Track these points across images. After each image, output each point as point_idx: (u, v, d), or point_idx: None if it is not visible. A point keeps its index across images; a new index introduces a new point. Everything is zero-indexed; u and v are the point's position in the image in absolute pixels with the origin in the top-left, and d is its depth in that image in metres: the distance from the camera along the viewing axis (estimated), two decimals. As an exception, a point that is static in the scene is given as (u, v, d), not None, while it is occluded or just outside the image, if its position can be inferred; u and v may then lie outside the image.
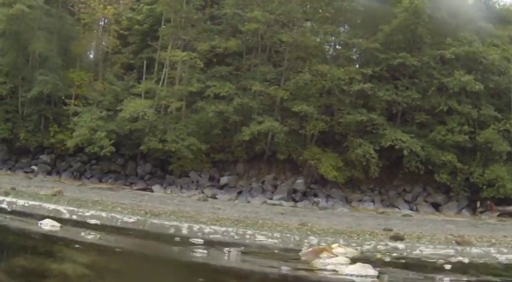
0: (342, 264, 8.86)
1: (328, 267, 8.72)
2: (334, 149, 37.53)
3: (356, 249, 11.74)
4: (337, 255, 9.60)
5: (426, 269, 9.85)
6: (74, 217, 15.29)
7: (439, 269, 9.53)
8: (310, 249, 10.45)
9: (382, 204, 35.82)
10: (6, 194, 21.45)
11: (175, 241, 11.50)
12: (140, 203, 24.90)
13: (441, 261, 10.75)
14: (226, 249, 10.06)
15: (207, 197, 33.77)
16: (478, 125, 37.19)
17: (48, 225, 11.34)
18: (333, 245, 10.86)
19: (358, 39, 38.81)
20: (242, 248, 10.94)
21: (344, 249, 10.31)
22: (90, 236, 10.77)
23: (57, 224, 11.17)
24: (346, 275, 8.12)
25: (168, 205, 25.53)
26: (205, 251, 9.64)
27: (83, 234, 10.92)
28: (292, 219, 23.29)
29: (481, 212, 35.38)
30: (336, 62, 39.68)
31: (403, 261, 11.22)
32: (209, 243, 11.34)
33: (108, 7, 41.14)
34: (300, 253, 10.05)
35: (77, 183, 35.65)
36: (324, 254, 9.51)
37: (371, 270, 8.17)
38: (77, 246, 8.91)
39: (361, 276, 8.02)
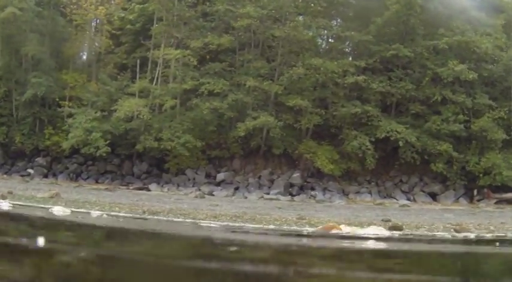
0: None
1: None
2: (330, 142, 37.57)
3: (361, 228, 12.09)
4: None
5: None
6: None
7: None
8: (320, 227, 10.89)
9: (379, 196, 35.88)
10: (3, 197, 21.44)
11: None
12: (138, 202, 24.89)
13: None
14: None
15: (204, 194, 33.74)
16: (473, 113, 37.27)
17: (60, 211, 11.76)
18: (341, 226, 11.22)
19: (350, 32, 38.77)
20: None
21: (351, 228, 10.62)
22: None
23: (68, 210, 11.69)
24: (363, 234, 8.69)
25: (165, 203, 25.54)
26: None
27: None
28: (290, 213, 23.31)
29: (479, 200, 35.47)
30: (329, 55, 39.64)
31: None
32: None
33: (100, 7, 41.03)
34: (308, 232, 10.43)
35: (74, 184, 35.58)
36: (334, 230, 9.97)
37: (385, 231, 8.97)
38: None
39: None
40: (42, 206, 19.27)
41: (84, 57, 45.67)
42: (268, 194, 34.79)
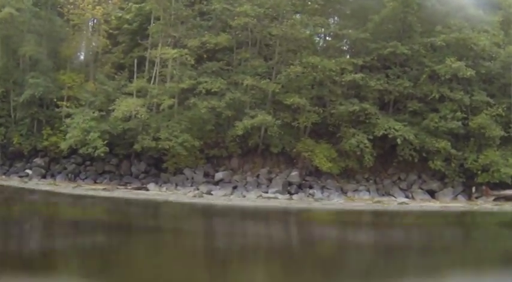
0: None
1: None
2: (328, 140, 37.55)
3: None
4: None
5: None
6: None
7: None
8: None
9: (378, 193, 35.83)
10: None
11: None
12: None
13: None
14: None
15: (203, 193, 33.82)
16: (471, 111, 37.26)
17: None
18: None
19: (348, 30, 38.83)
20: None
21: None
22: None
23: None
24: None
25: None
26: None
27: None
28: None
29: (477, 197, 35.50)
30: (326, 53, 39.66)
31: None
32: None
33: (97, 7, 40.88)
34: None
35: (72, 185, 35.64)
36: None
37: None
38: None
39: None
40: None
41: (82, 57, 45.55)
42: (266, 192, 34.78)
